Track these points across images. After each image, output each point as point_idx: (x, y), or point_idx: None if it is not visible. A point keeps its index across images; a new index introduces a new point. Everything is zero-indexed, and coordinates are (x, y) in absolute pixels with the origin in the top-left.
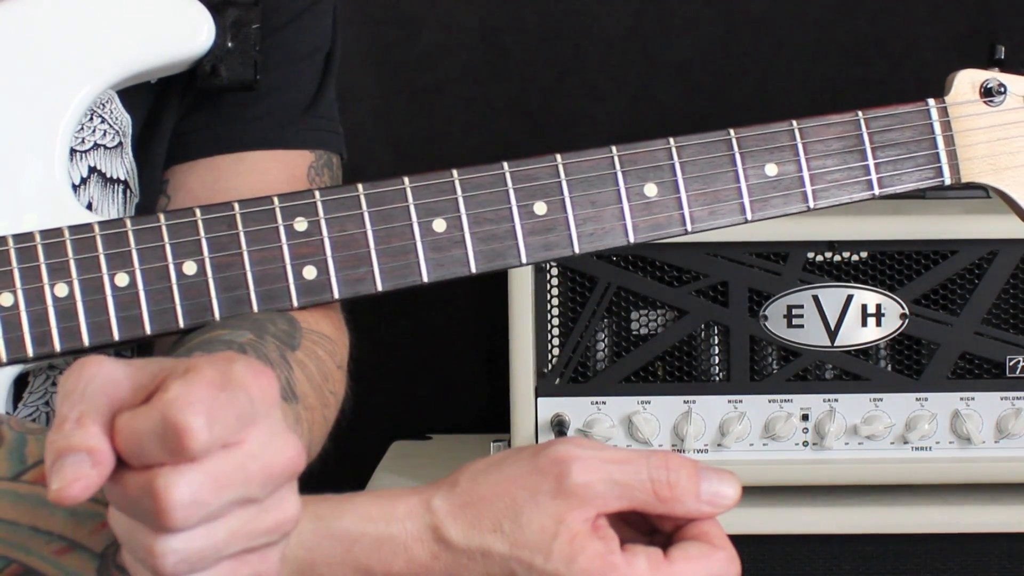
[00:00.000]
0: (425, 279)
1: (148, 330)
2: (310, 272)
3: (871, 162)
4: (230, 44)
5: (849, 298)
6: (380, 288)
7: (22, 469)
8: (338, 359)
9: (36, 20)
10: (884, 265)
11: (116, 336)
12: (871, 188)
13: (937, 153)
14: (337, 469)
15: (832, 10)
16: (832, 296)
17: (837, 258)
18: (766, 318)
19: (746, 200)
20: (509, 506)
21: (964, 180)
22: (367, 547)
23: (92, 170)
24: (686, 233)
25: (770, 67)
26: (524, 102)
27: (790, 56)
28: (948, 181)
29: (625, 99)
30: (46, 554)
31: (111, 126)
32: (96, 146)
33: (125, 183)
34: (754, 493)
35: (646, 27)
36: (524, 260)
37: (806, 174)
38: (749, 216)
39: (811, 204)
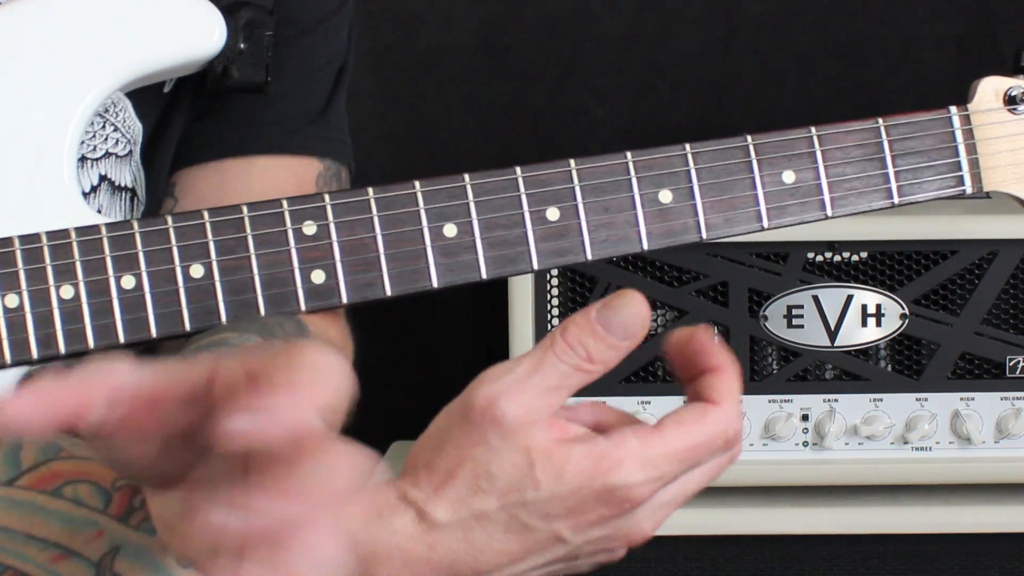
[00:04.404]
0: (435, 284)
1: (154, 333)
2: (318, 276)
3: (891, 170)
4: (242, 45)
5: (849, 298)
6: (389, 293)
7: (17, 474)
8: None
9: (44, 20)
10: (884, 265)
11: (121, 339)
12: (890, 197)
13: (959, 162)
14: None
15: (832, 10)
16: (832, 296)
17: (837, 258)
18: (766, 318)
19: (763, 208)
20: (474, 467)
21: (986, 189)
22: (363, 558)
23: (102, 178)
24: (701, 241)
25: (770, 67)
26: (524, 102)
27: (790, 56)
28: (970, 190)
29: (625, 99)
30: (41, 561)
31: (123, 134)
32: (107, 154)
33: (132, 191)
34: (754, 493)
35: (646, 27)
36: (536, 266)
37: (824, 182)
38: (765, 224)
39: (829, 212)
